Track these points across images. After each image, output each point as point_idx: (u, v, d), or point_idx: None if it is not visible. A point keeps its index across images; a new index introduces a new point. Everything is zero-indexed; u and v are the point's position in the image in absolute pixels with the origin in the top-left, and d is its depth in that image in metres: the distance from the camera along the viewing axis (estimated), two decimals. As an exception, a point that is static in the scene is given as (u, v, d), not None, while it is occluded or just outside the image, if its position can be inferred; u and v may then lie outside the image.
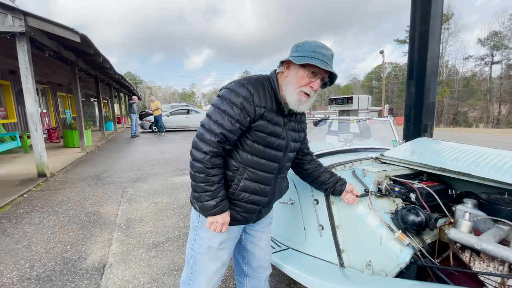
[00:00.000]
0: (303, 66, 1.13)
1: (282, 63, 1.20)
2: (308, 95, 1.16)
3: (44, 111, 11.42)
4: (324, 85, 1.23)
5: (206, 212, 1.16)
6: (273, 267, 2.29)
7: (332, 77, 1.20)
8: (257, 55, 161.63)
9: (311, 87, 1.14)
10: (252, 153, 1.18)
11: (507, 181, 1.19)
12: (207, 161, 1.11)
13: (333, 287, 1.31)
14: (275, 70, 1.23)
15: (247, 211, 1.25)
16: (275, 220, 2.12)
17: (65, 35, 5.24)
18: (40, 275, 2.28)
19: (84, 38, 5.52)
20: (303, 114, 1.36)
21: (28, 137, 7.67)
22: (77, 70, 8.28)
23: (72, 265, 2.43)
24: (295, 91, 1.15)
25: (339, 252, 1.51)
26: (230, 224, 1.24)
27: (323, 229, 1.60)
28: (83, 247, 2.73)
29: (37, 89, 10.67)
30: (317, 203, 1.62)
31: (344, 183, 1.44)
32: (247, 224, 1.36)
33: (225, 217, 1.18)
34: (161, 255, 2.58)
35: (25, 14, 4.81)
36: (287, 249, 1.89)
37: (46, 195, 4.36)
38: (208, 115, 1.16)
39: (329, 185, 1.44)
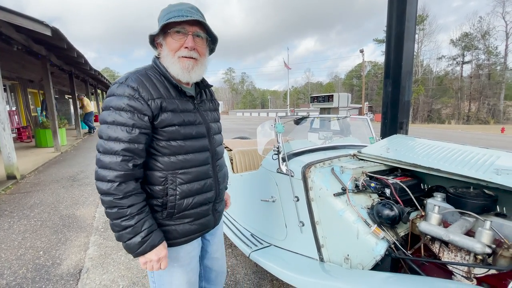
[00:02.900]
0: (167, 32, 1.02)
1: (152, 44, 1.08)
2: (192, 58, 1.03)
3: (13, 108, 10.73)
4: (212, 43, 1.14)
5: (133, 252, 0.97)
6: (256, 265, 2.31)
7: (208, 30, 1.07)
8: (243, 52, 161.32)
9: (185, 47, 1.01)
10: (174, 153, 1.02)
11: (472, 175, 1.27)
12: (115, 191, 0.91)
13: (312, 282, 1.34)
14: (156, 56, 1.10)
15: (200, 216, 1.12)
16: (256, 217, 2.14)
17: (34, 28, 4.93)
18: (10, 283, 2.15)
19: (55, 31, 5.23)
20: (211, 86, 1.24)
21: (-5, 136, 7.18)
22: (49, 65, 7.83)
23: (45, 271, 2.31)
24: (173, 59, 1.02)
25: (318, 247, 1.54)
26: (190, 240, 1.13)
27: (303, 225, 1.63)
28: (57, 252, 2.61)
29: (4, 85, 10.00)
30: (298, 200, 1.64)
31: None
32: (208, 231, 1.23)
33: (160, 251, 0.99)
34: (142, 257, 2.51)
35: (-11, 5, 4.47)
36: (269, 246, 1.91)
37: (16, 199, 4.11)
38: (99, 136, 0.96)
39: None
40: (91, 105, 12.73)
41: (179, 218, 1.07)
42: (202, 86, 1.18)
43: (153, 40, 1.08)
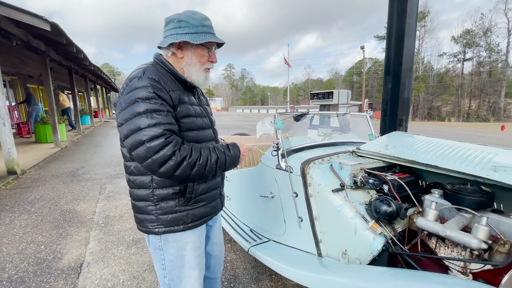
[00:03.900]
0: (201, 43, 1.10)
1: (171, 45, 1.11)
2: (208, 69, 1.18)
3: (13, 104, 10.71)
4: None
5: (237, 161, 1.17)
6: (255, 259, 2.33)
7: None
8: (243, 47, 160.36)
9: (211, 61, 1.16)
10: (191, 141, 1.11)
11: (469, 172, 1.28)
12: (180, 156, 0.97)
13: (311, 277, 1.36)
14: (158, 54, 1.16)
15: (211, 199, 1.24)
16: (256, 213, 2.15)
17: (33, 23, 4.90)
18: (12, 277, 2.17)
19: (55, 26, 5.21)
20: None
21: (-5, 132, 7.16)
22: (48, 61, 7.80)
23: (47, 265, 2.33)
24: (200, 70, 1.14)
25: (317, 242, 1.56)
26: (204, 222, 1.23)
27: (302, 221, 1.64)
28: (58, 247, 2.63)
29: (4, 81, 9.97)
30: (297, 196, 1.65)
31: None
32: (216, 214, 1.33)
33: (242, 144, 1.22)
34: (142, 251, 2.54)
35: (-13, -1, 4.44)
36: (268, 241, 1.93)
37: (16, 194, 4.13)
38: (135, 129, 0.96)
39: None
40: (67, 101, 11.99)
41: (195, 203, 1.17)
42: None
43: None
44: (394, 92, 2.89)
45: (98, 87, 19.28)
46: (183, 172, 1.00)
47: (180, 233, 1.15)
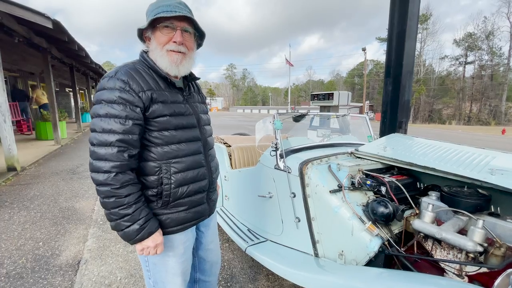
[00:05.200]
0: (155, 27, 1.05)
1: (141, 38, 1.11)
2: (180, 52, 1.07)
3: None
4: (199, 39, 1.19)
5: (131, 240, 1.00)
6: (252, 259, 2.33)
7: (196, 26, 1.11)
8: (247, 48, 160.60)
9: (174, 42, 1.05)
10: (166, 142, 1.05)
11: (466, 175, 1.28)
12: (113, 181, 0.94)
13: (307, 277, 1.36)
14: (142, 51, 1.13)
15: (195, 204, 1.15)
16: (253, 212, 2.16)
17: (35, 20, 4.91)
18: (10, 273, 2.18)
19: (56, 24, 5.21)
20: (198, 78, 1.28)
21: (-4, 128, 7.16)
22: (50, 58, 7.81)
23: (45, 262, 2.34)
24: (162, 52, 1.06)
25: (314, 243, 1.56)
26: (185, 228, 1.15)
27: (299, 221, 1.64)
28: (57, 244, 2.64)
29: (5, 78, 9.97)
30: (294, 196, 1.66)
31: None
32: (204, 219, 1.25)
33: (157, 238, 1.04)
34: (140, 249, 2.54)
35: (-10, -4, 4.45)
36: (265, 241, 1.93)
37: (16, 190, 4.14)
38: (92, 129, 0.98)
39: None
40: (45, 97, 10.74)
41: (174, 207, 1.10)
42: (189, 79, 1.22)
43: (142, 34, 1.12)
44: (394, 94, 2.88)
45: (99, 85, 19.28)
46: (99, 191, 0.97)
47: None
